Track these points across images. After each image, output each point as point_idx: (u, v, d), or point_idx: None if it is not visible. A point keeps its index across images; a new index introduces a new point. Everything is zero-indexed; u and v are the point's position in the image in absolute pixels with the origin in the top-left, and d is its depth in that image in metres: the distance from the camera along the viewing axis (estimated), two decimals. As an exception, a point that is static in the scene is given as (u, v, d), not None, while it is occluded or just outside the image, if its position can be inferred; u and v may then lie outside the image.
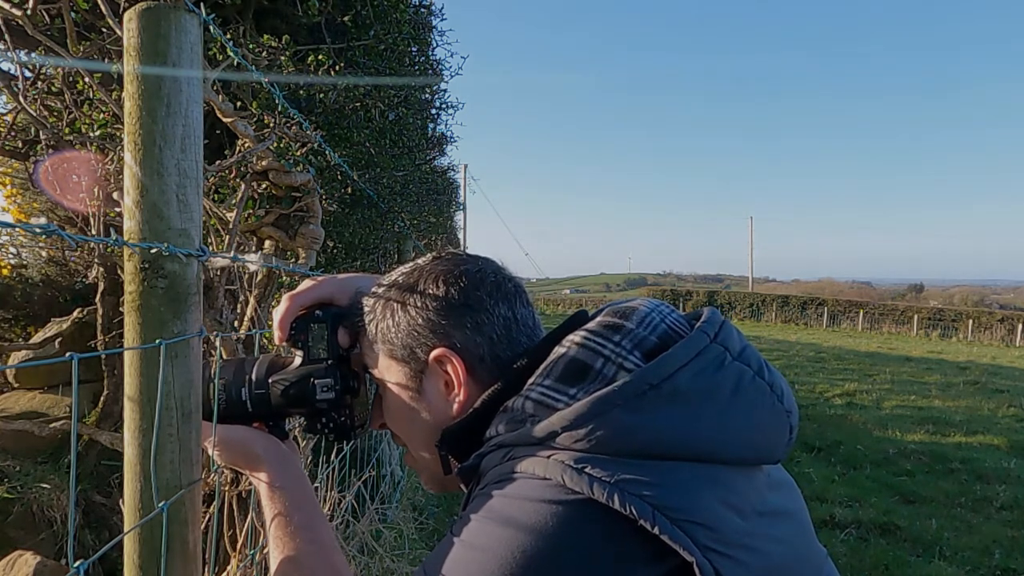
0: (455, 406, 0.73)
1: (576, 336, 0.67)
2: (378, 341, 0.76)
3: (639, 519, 0.54)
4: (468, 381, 0.72)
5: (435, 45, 3.85)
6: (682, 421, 0.60)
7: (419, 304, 0.73)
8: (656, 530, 0.53)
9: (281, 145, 1.79)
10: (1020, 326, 26.24)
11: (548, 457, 0.59)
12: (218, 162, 1.64)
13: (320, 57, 2.20)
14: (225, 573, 1.60)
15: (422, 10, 3.58)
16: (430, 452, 0.76)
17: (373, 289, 0.79)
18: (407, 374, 0.75)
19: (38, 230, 0.62)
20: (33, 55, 1.90)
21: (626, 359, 0.64)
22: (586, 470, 0.57)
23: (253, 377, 0.82)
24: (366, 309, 0.78)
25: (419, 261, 0.79)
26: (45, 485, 3.00)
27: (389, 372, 0.76)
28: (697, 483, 0.58)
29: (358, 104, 2.64)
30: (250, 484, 1.73)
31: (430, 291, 0.74)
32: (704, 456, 0.60)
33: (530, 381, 0.67)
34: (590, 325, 0.69)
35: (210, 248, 1.22)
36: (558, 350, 0.67)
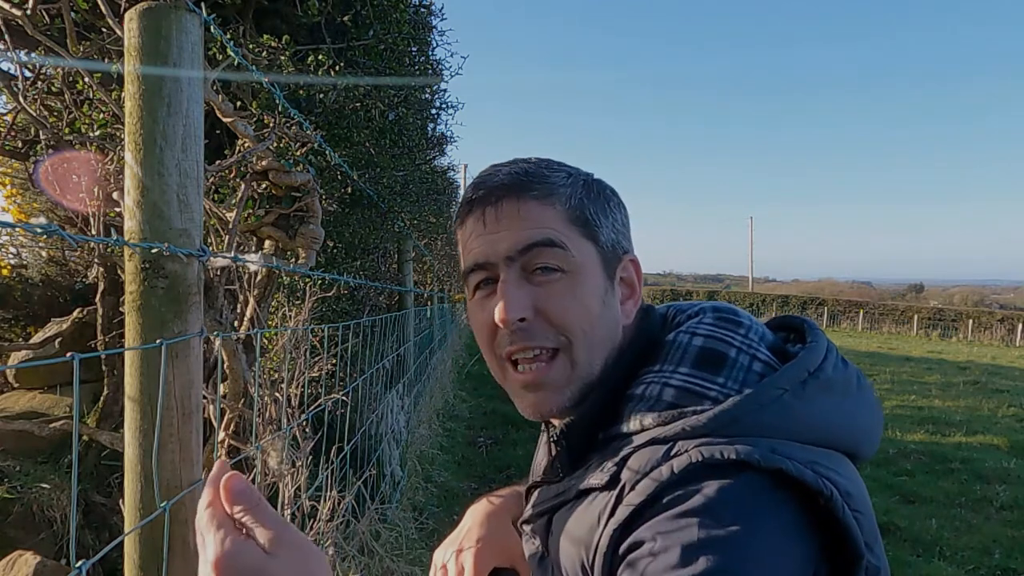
0: (628, 312, 0.72)
1: (697, 328, 0.67)
2: (579, 220, 0.69)
3: (828, 501, 0.53)
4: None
5: (435, 45, 3.85)
6: (833, 410, 0.61)
7: (615, 202, 0.73)
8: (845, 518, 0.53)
9: (281, 145, 1.79)
10: (1020, 326, 26.23)
11: (731, 443, 0.55)
12: (218, 162, 1.64)
13: (320, 57, 2.20)
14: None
15: (422, 10, 3.58)
16: (598, 337, 0.69)
17: (563, 167, 0.73)
18: (602, 264, 0.70)
19: (38, 230, 0.62)
20: (33, 55, 1.90)
21: (758, 350, 0.64)
22: (779, 451, 0.54)
23: None
24: (568, 180, 0.71)
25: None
26: (45, 485, 3.00)
27: (590, 256, 0.69)
28: (851, 472, 0.59)
29: (358, 104, 2.64)
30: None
31: (617, 196, 0.74)
32: (843, 446, 0.61)
33: (655, 368, 0.65)
34: (706, 319, 0.68)
35: (210, 248, 1.21)
36: (678, 339, 0.66)
